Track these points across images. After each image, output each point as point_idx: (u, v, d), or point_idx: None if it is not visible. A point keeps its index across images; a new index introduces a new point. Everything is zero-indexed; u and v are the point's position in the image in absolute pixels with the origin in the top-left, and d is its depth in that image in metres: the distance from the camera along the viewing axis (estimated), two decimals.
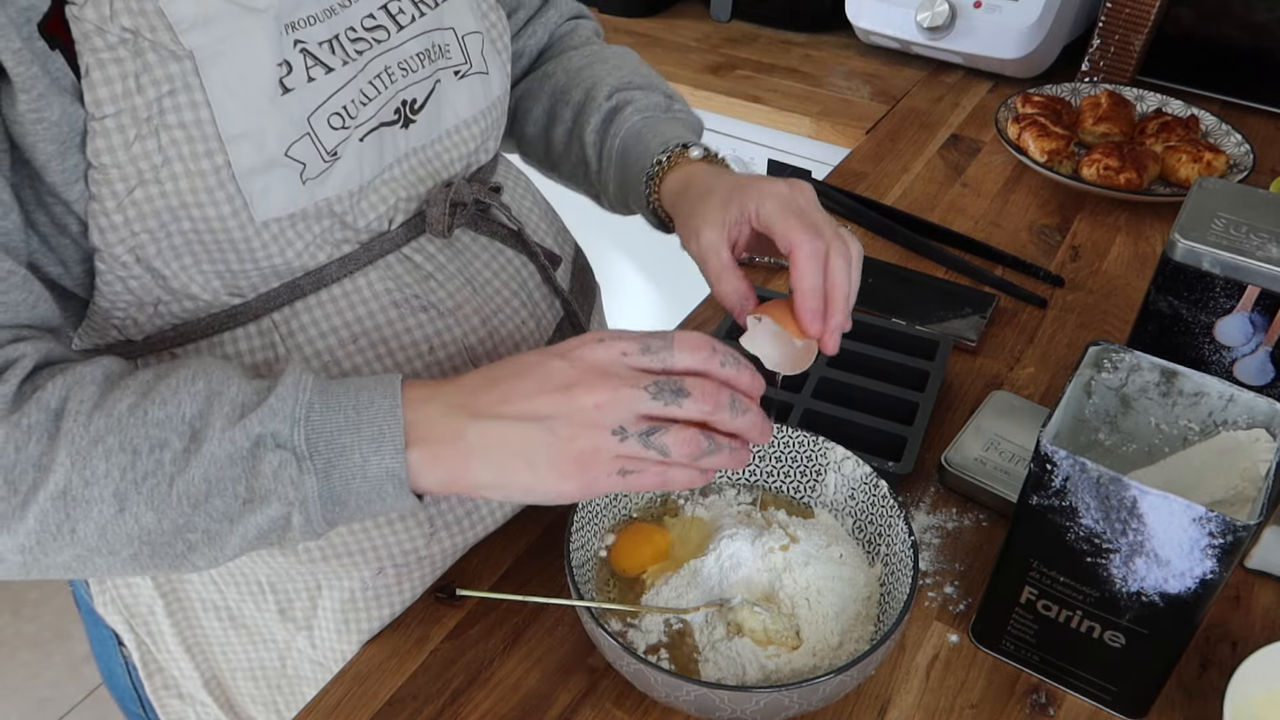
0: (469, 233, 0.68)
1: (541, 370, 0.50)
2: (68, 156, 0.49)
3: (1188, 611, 0.57)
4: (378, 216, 0.62)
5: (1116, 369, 0.64)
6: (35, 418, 0.47)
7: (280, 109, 0.54)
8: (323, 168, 0.56)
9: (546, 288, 0.71)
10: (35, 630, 1.96)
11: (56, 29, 0.47)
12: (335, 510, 0.51)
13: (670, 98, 0.78)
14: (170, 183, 0.51)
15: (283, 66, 0.54)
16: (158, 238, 0.53)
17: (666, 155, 0.70)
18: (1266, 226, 0.70)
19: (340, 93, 0.57)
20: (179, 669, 0.77)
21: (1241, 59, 1.33)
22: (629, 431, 0.49)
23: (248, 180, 0.53)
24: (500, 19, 0.69)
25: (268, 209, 0.55)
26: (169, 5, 0.49)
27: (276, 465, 0.49)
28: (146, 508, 0.48)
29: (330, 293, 0.61)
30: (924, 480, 0.79)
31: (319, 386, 0.51)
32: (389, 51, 0.60)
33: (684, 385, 0.49)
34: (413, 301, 0.63)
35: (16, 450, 0.46)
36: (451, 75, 0.65)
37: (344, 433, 0.49)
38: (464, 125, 0.66)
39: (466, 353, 0.65)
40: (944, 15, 1.37)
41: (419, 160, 0.64)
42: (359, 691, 0.65)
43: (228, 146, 0.52)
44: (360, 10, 0.58)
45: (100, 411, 0.48)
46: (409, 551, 0.67)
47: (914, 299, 0.99)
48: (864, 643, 0.61)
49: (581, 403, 0.48)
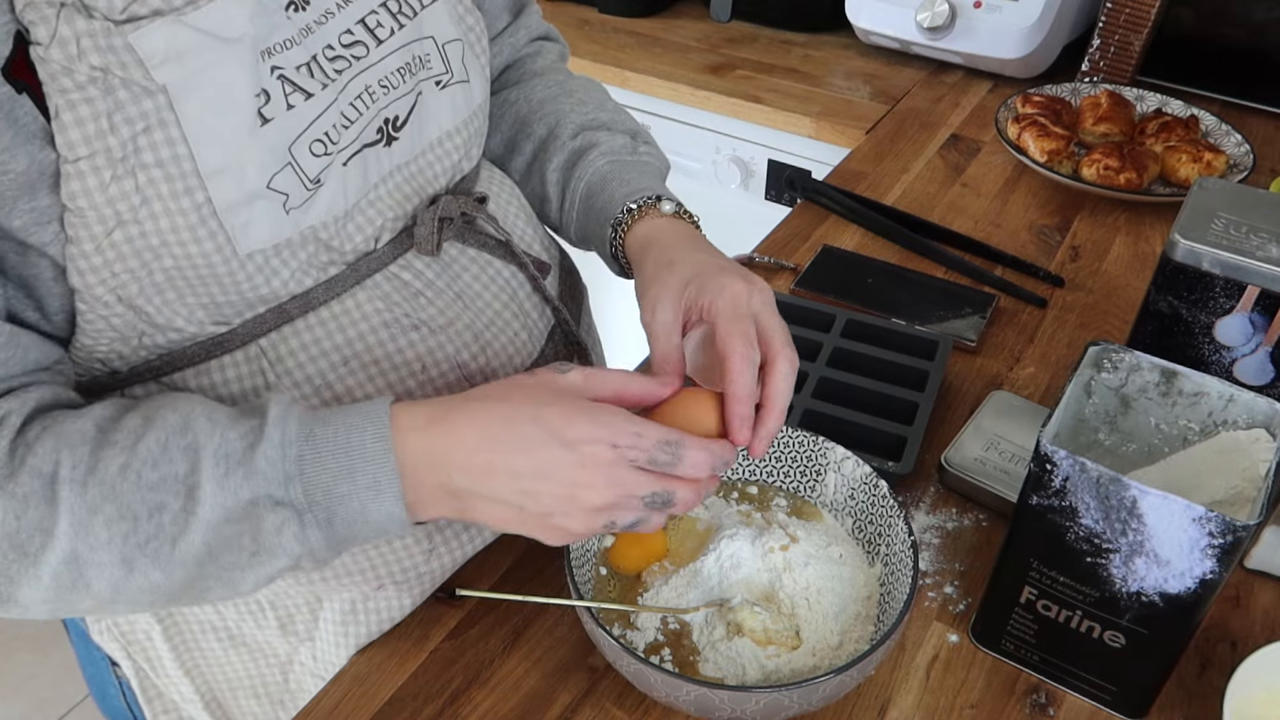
0: (456, 245, 0.66)
1: (546, 456, 0.50)
2: (36, 198, 0.48)
3: (1188, 611, 0.57)
4: (364, 238, 0.60)
5: (1116, 369, 0.64)
6: (30, 486, 0.47)
7: (260, 141, 0.52)
8: (306, 196, 0.55)
9: (537, 297, 0.71)
10: (35, 630, 1.96)
11: (21, 72, 0.45)
12: (342, 547, 0.53)
13: (634, 137, 0.76)
14: (150, 222, 0.50)
15: (260, 96, 0.52)
16: (139, 276, 0.52)
17: (636, 205, 0.68)
18: (1266, 226, 0.70)
19: (321, 118, 0.55)
20: (179, 692, 0.76)
21: (1241, 59, 1.33)
22: (618, 524, 0.52)
23: (230, 215, 0.52)
24: (478, 22, 0.67)
25: (251, 242, 0.53)
26: (139, 40, 0.47)
27: (279, 524, 0.50)
28: (153, 568, 0.49)
29: (318, 315, 0.60)
30: (924, 480, 0.79)
31: (304, 432, 0.50)
32: (369, 69, 0.58)
33: (674, 496, 0.52)
34: (403, 321, 0.62)
35: (17, 519, 0.47)
36: (433, 86, 0.63)
37: (339, 481, 0.50)
38: (447, 137, 0.65)
39: (459, 369, 0.64)
40: (944, 15, 1.37)
41: (404, 177, 0.62)
42: (359, 692, 0.65)
43: (207, 183, 0.50)
44: (337, 26, 0.56)
45: (93, 478, 0.48)
46: (408, 568, 0.66)
47: (914, 299, 0.99)
48: (864, 643, 0.61)
49: (583, 503, 0.51)
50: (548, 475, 0.50)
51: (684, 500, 0.53)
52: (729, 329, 0.56)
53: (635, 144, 0.76)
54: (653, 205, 0.69)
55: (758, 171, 1.49)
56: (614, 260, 0.72)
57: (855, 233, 1.11)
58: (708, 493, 0.55)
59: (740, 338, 0.56)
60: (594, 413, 0.51)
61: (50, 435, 0.48)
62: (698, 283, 0.59)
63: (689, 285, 0.60)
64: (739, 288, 0.58)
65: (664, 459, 0.51)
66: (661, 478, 0.52)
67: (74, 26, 0.46)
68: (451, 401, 0.53)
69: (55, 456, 0.48)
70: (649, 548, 0.66)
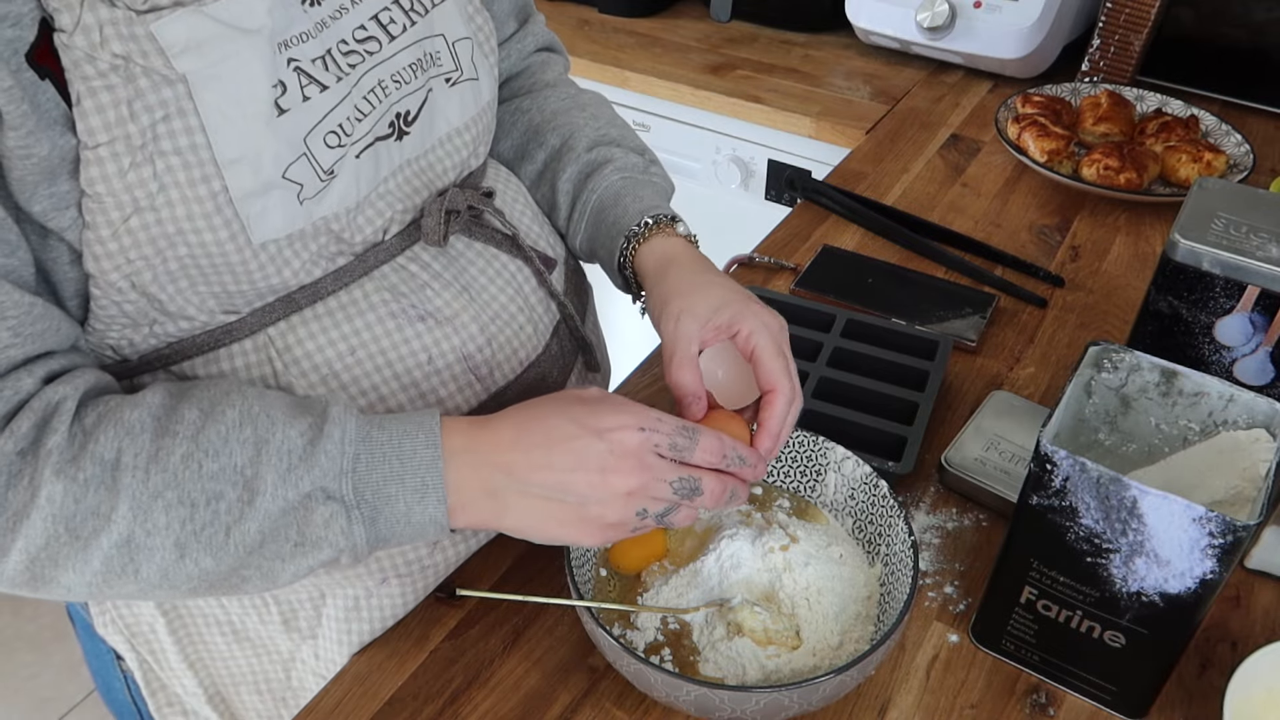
0: (463, 239, 0.67)
1: (580, 446, 0.53)
2: (56, 184, 0.49)
3: (1188, 611, 0.57)
4: (374, 229, 0.61)
5: (1116, 369, 0.64)
6: (91, 471, 0.49)
7: (276, 131, 0.53)
8: (320, 187, 0.56)
9: (543, 291, 0.71)
10: (35, 630, 1.96)
11: (45, 58, 0.46)
12: (379, 546, 0.55)
13: (643, 155, 0.79)
14: (166, 210, 0.51)
15: (277, 87, 0.53)
16: (153, 264, 0.52)
17: (653, 220, 0.71)
18: (1266, 226, 0.70)
19: (335, 111, 0.56)
20: (182, 686, 0.77)
21: (1241, 59, 1.33)
22: (650, 513, 0.55)
23: (245, 204, 0.53)
24: (487, 22, 0.68)
25: (265, 231, 0.54)
26: (160, 29, 0.48)
27: (328, 516, 0.52)
28: (205, 554, 0.51)
29: (326, 305, 0.61)
30: (924, 480, 0.79)
31: (362, 434, 0.53)
32: (381, 64, 0.59)
33: (700, 484, 0.55)
34: (410, 312, 0.63)
35: (76, 502, 0.49)
36: (443, 83, 0.64)
37: (389, 483, 0.53)
38: (456, 133, 0.66)
39: (465, 360, 0.65)
40: (944, 15, 1.37)
41: (414, 171, 0.63)
42: (359, 691, 0.65)
43: (224, 171, 0.51)
44: (352, 21, 0.58)
45: (156, 465, 0.50)
46: (412, 561, 0.67)
47: (914, 299, 0.99)
48: (864, 643, 0.61)
49: (615, 488, 0.53)
50: (581, 464, 0.53)
51: (711, 491, 0.55)
52: (774, 365, 0.61)
53: (646, 163, 0.79)
54: (668, 224, 0.72)
55: (758, 171, 1.49)
56: (618, 272, 0.73)
57: (855, 233, 1.11)
58: (738, 500, 0.58)
59: (784, 376, 0.61)
60: (617, 403, 0.55)
61: (109, 423, 0.50)
62: (732, 309, 0.63)
63: (721, 309, 0.63)
64: (772, 322, 0.63)
65: (683, 443, 0.55)
66: (684, 466, 0.55)
67: (97, 14, 0.47)
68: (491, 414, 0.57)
69: (118, 445, 0.50)
70: (649, 548, 0.66)
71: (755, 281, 1.03)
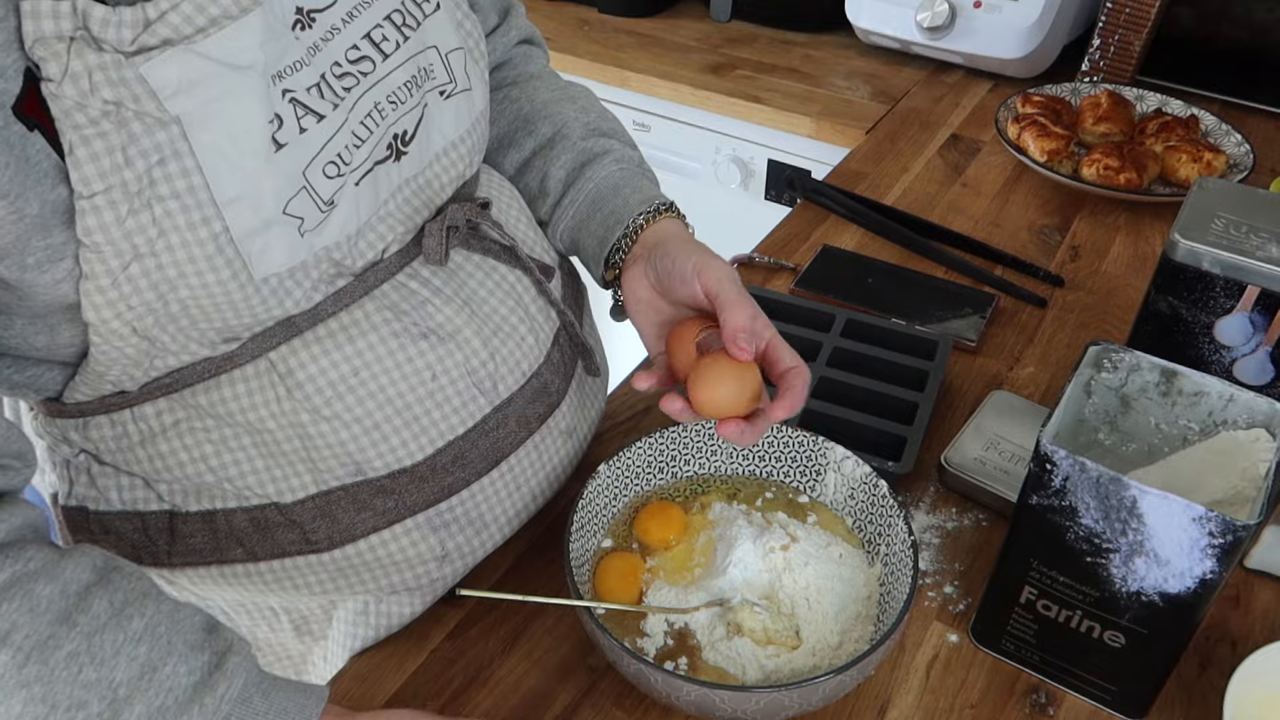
0: (462, 252, 0.67)
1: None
2: (50, 235, 0.48)
3: (1187, 611, 0.57)
4: (375, 252, 0.61)
5: (1116, 369, 0.64)
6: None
7: (274, 166, 0.51)
8: (320, 219, 0.55)
9: (542, 300, 0.71)
10: None
11: (33, 109, 0.45)
12: None
13: (636, 150, 0.80)
14: (167, 254, 0.50)
15: (274, 122, 0.51)
16: (155, 308, 0.52)
17: (653, 211, 0.72)
18: (1266, 226, 0.70)
19: (333, 140, 0.55)
20: None
21: (1241, 59, 1.33)
22: None
23: (246, 242, 0.51)
24: (475, 26, 0.67)
25: (267, 267, 0.53)
26: (150, 71, 0.47)
27: None
28: None
29: (327, 327, 0.60)
30: (924, 480, 0.79)
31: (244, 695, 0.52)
32: (376, 85, 0.58)
33: None
34: (411, 330, 0.62)
35: None
36: (438, 96, 0.63)
37: None
38: (452, 146, 0.65)
39: (469, 375, 0.64)
40: (944, 15, 1.37)
41: (413, 190, 0.63)
42: (359, 691, 0.65)
43: (224, 211, 0.50)
44: (344, 42, 0.56)
45: (39, 654, 0.47)
46: (420, 575, 0.66)
47: (914, 299, 0.99)
48: (864, 643, 0.61)
49: None
50: None
51: None
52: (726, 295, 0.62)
53: (640, 158, 0.79)
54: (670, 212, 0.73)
55: (758, 171, 1.49)
56: (602, 264, 0.73)
57: (855, 233, 1.11)
58: None
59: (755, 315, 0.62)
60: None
61: (18, 593, 0.48)
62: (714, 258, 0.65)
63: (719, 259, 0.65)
64: None
65: None
66: None
67: (85, 60, 0.45)
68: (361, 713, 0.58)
69: (14, 619, 0.47)
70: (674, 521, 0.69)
71: (755, 281, 1.03)
